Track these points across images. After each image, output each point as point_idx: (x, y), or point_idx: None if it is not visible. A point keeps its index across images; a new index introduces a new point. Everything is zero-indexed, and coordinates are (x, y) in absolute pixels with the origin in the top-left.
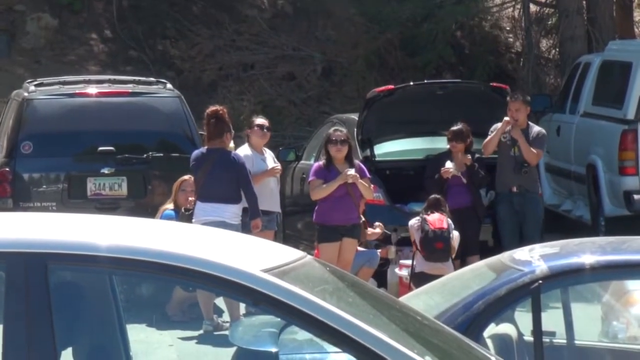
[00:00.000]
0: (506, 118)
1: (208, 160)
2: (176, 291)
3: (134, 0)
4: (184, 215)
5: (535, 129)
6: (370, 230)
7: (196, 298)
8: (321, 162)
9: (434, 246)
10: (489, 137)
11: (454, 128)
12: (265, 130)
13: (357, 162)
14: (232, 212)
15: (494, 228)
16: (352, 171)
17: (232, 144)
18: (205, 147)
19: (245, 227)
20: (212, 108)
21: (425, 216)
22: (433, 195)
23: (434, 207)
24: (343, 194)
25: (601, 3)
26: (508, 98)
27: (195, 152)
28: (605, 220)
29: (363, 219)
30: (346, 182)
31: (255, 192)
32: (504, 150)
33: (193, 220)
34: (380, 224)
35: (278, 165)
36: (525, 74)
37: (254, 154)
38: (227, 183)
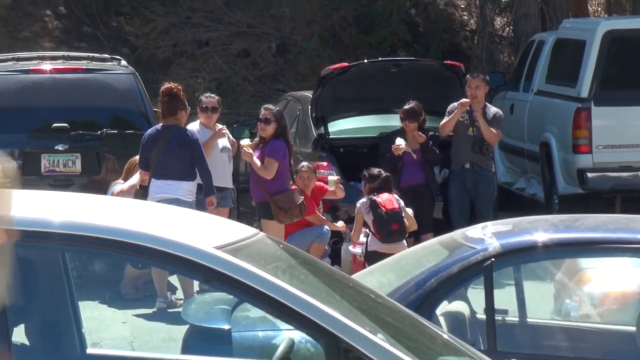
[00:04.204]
0: (463, 100)
1: (163, 137)
2: (129, 268)
3: None
4: (139, 192)
5: (493, 109)
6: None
7: (150, 275)
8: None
9: (390, 228)
10: (446, 119)
11: (406, 107)
12: (209, 112)
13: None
14: (187, 189)
15: (445, 205)
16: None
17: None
18: (160, 125)
19: (199, 204)
20: (166, 85)
21: (375, 198)
22: (371, 170)
23: (378, 183)
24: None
25: None
26: (468, 75)
27: (150, 130)
28: (559, 199)
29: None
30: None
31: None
32: (461, 129)
33: (147, 198)
34: (336, 179)
35: (224, 128)
36: (480, 51)
37: (202, 129)
38: (181, 160)
